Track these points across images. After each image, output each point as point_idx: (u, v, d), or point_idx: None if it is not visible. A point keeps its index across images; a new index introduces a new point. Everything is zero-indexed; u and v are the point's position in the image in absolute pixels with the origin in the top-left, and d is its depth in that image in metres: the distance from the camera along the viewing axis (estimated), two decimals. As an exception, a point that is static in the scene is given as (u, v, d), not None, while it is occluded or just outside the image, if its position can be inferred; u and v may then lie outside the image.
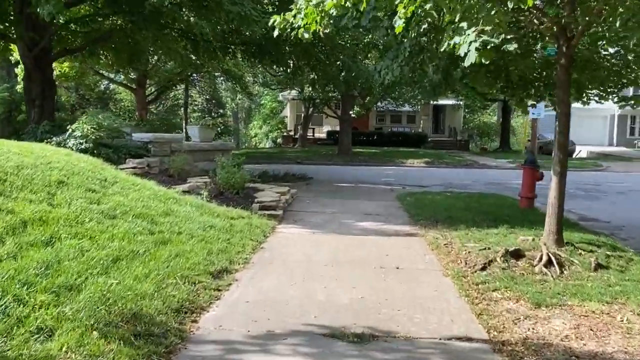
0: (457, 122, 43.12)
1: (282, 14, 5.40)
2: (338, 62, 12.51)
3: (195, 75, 33.30)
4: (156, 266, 4.45)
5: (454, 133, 41.60)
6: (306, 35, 5.33)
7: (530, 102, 8.57)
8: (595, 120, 41.34)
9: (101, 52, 13.70)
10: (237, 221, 6.77)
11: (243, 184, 8.26)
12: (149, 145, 8.81)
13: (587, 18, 5.94)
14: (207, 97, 39.10)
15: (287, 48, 13.66)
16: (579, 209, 10.40)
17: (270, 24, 5.55)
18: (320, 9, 5.22)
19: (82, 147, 8.05)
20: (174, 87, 30.02)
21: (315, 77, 13.88)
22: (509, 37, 5.75)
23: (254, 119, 57.36)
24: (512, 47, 5.88)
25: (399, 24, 5.06)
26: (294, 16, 5.34)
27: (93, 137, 8.17)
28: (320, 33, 5.43)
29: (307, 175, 15.33)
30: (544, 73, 8.01)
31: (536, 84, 8.17)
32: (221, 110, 50.84)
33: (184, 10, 11.50)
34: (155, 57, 23.10)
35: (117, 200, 5.81)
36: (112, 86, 30.25)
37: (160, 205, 6.15)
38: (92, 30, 13.83)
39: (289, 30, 5.54)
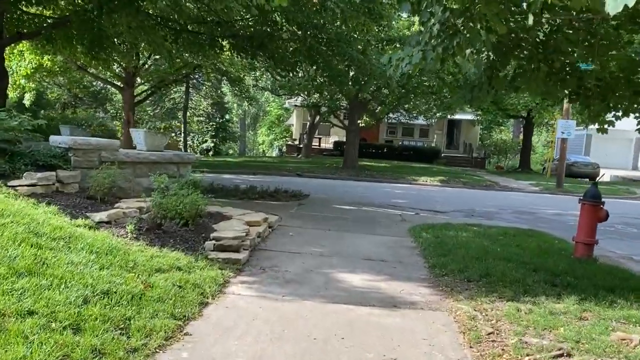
0: (472, 138, 40.63)
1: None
2: (345, 57, 10.12)
3: (196, 77, 31.18)
4: None
5: (469, 149, 39.10)
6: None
7: (610, 116, 6.11)
8: (618, 143, 38.51)
9: (59, 38, 11.44)
10: (165, 275, 4.38)
11: (196, 212, 5.87)
12: (69, 152, 6.42)
13: None
14: (212, 101, 36.80)
15: (282, 41, 11.38)
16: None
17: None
18: None
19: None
20: (169, 88, 27.94)
21: (318, 74, 11.49)
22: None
23: (261, 126, 55.22)
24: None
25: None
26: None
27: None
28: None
29: (303, 193, 12.94)
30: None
31: (622, 91, 5.73)
32: (227, 116, 48.79)
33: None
34: (147, 56, 21.01)
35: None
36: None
37: (29, 253, 3.77)
38: (50, 13, 11.66)
39: None
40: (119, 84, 21.91)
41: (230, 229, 6.06)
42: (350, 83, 11.16)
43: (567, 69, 5.85)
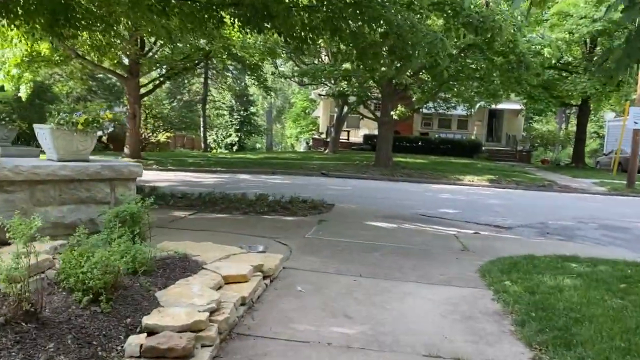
0: (516, 129, 37.14)
1: None
2: (379, 22, 7.24)
3: (212, 66, 28.72)
4: None
5: (512, 142, 35.65)
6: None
7: None
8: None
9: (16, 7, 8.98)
10: None
11: (115, 276, 3.23)
12: None
13: None
14: (231, 92, 34.31)
15: (296, 8, 8.62)
16: None
17: None
18: None
19: None
20: (184, 78, 25.66)
21: (342, 52, 8.67)
22: None
23: (287, 119, 52.63)
24: None
25: None
26: None
27: None
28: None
29: (326, 202, 10.23)
30: None
31: None
32: (252, 108, 46.40)
33: None
34: (152, 42, 18.59)
35: None
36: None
37: None
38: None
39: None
40: (122, 73, 19.56)
41: (183, 303, 3.39)
42: (386, 57, 8.32)
43: None
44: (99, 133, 5.27)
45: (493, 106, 29.71)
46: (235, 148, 39.27)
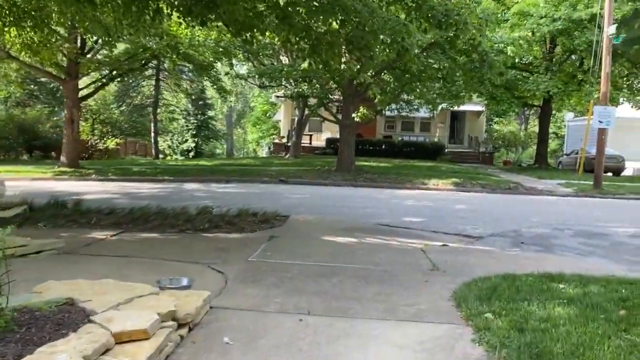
0: (478, 131, 37.00)
1: None
2: (336, 10, 6.19)
3: (164, 67, 27.22)
4: None
5: (475, 143, 35.44)
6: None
7: None
8: (636, 131, 34.51)
9: None
10: None
11: None
12: None
13: None
14: (184, 95, 32.73)
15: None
16: None
17: None
18: None
19: None
20: (130, 79, 24.11)
21: (295, 44, 7.60)
22: None
23: (246, 123, 51.15)
24: None
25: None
26: None
27: None
28: None
29: (280, 214, 9.16)
30: None
31: None
32: (210, 112, 44.85)
33: None
34: (93, 40, 17.10)
35: None
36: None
37: None
38: None
39: None
40: (59, 74, 17.96)
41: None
42: (343, 48, 7.30)
43: None
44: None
45: (455, 108, 29.38)
46: (192, 154, 37.68)
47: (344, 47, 7.11)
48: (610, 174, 24.96)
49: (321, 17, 6.68)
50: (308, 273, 5.49)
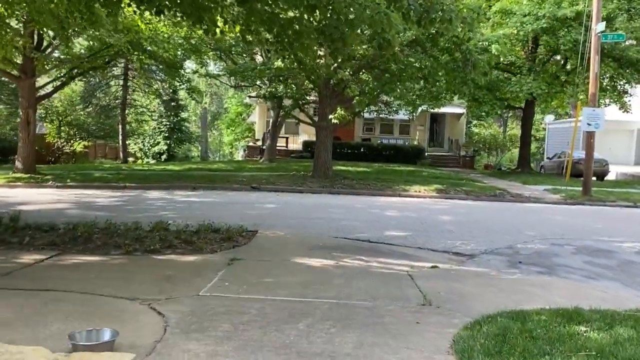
0: (458, 134, 36.32)
1: None
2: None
3: (131, 66, 25.78)
4: None
5: (455, 147, 34.75)
6: None
7: None
8: (619, 135, 34.18)
9: None
10: None
11: None
12: None
13: None
14: (154, 96, 31.25)
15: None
16: None
17: None
18: None
19: None
20: (97, 78, 22.68)
21: (257, 31, 6.50)
22: None
23: (220, 125, 49.70)
24: None
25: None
26: None
27: None
28: None
29: (246, 229, 8.04)
30: None
31: None
32: (183, 114, 43.32)
33: None
34: (51, 36, 15.69)
35: None
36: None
37: None
38: None
39: None
40: (13, 72, 16.51)
41: None
42: (315, 40, 6.25)
43: None
44: None
45: (435, 110, 28.56)
46: (164, 157, 36.17)
47: (315, 37, 6.06)
48: (594, 178, 24.44)
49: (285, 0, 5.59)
50: (270, 314, 4.38)
